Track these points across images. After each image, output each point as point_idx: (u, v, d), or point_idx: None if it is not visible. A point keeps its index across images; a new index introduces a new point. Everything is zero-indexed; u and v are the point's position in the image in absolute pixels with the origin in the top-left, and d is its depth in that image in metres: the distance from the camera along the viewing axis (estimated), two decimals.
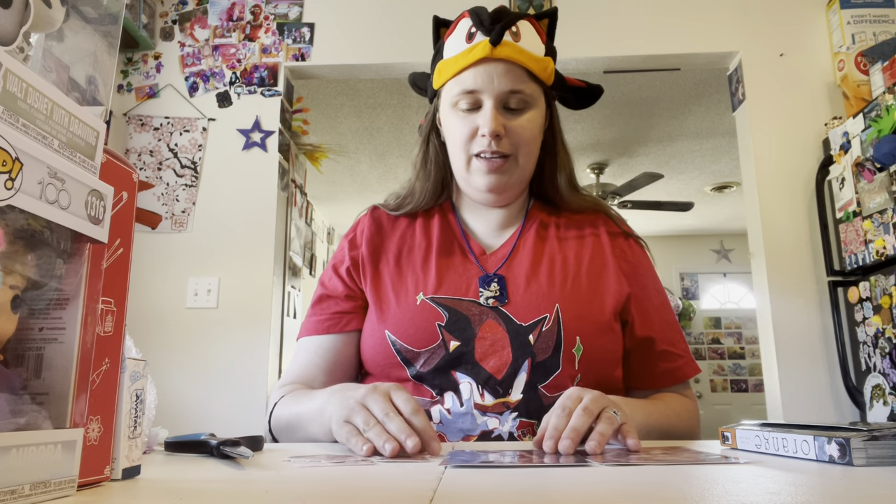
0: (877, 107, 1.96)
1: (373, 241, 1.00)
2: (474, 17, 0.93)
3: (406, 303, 0.91)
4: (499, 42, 0.90)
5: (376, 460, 0.59)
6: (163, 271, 2.40)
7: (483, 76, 0.91)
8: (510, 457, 0.59)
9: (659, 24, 2.51)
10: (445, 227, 1.01)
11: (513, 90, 0.91)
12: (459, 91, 0.93)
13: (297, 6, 2.61)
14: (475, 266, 0.95)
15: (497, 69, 0.91)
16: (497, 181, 0.94)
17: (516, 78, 0.91)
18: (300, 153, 2.87)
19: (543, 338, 0.87)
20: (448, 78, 0.95)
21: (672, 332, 0.98)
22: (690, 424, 0.93)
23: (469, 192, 0.99)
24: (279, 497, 0.41)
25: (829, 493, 0.41)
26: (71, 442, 0.40)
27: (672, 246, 6.37)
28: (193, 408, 2.30)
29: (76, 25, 0.46)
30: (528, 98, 0.93)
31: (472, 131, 0.93)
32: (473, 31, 0.92)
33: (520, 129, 0.92)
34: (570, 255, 0.96)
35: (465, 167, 0.96)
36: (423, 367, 0.87)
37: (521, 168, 0.95)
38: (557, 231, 1.00)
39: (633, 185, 4.17)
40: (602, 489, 0.43)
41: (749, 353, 6.26)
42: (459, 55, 0.93)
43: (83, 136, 0.42)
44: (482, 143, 0.92)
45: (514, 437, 0.84)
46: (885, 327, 1.91)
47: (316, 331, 0.97)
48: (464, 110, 0.93)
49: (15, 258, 0.38)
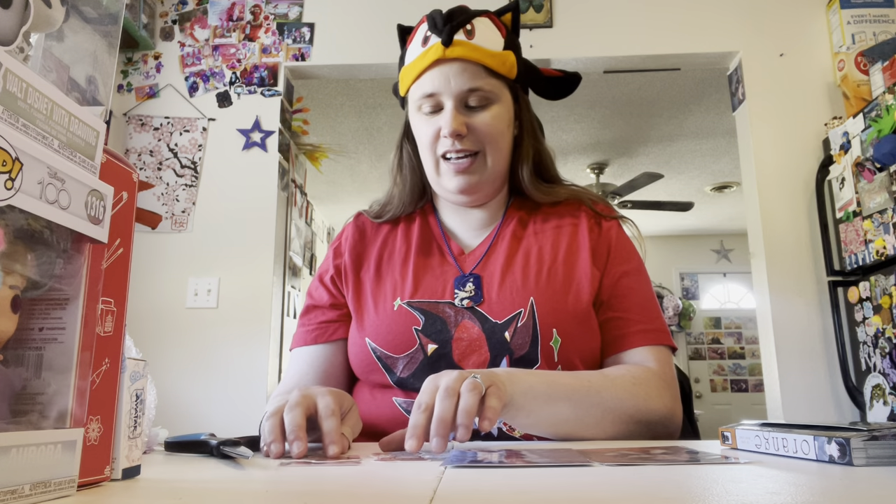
0: (877, 107, 1.96)
1: (355, 249, 1.01)
2: (429, 20, 0.94)
3: (384, 309, 0.92)
4: (450, 42, 0.91)
5: (347, 458, 0.59)
6: (163, 271, 2.40)
7: (439, 78, 0.91)
8: (509, 457, 0.59)
9: (659, 24, 2.51)
10: (425, 230, 1.01)
11: (471, 88, 0.91)
12: (420, 95, 0.94)
13: (297, 6, 2.61)
14: (453, 267, 0.95)
15: (452, 69, 0.91)
16: (467, 182, 0.94)
17: (473, 75, 0.91)
18: (300, 153, 2.87)
19: (519, 333, 0.86)
20: (409, 83, 0.96)
21: (638, 307, 0.92)
22: (646, 394, 0.82)
23: (442, 194, 0.99)
24: (279, 497, 0.41)
25: (829, 493, 0.41)
26: (71, 442, 0.40)
27: (672, 246, 6.37)
28: (193, 408, 2.30)
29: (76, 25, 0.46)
30: (488, 94, 0.93)
31: (435, 133, 0.93)
32: (428, 34, 0.93)
33: (483, 125, 0.92)
34: (547, 247, 0.95)
35: (434, 170, 0.96)
36: (403, 373, 0.88)
37: (491, 165, 0.95)
38: (535, 225, 0.99)
39: (633, 185, 4.17)
40: (602, 489, 0.43)
41: (749, 353, 6.26)
42: (416, 60, 0.94)
43: (83, 136, 0.42)
44: (446, 143, 0.92)
45: (504, 432, 0.84)
46: (885, 327, 1.91)
47: (304, 341, 0.98)
48: (427, 113, 0.94)
49: (15, 258, 0.38)
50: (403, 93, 0.99)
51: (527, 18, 2.51)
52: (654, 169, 4.45)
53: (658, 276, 6.23)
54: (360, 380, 0.96)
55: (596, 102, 3.52)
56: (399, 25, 1.03)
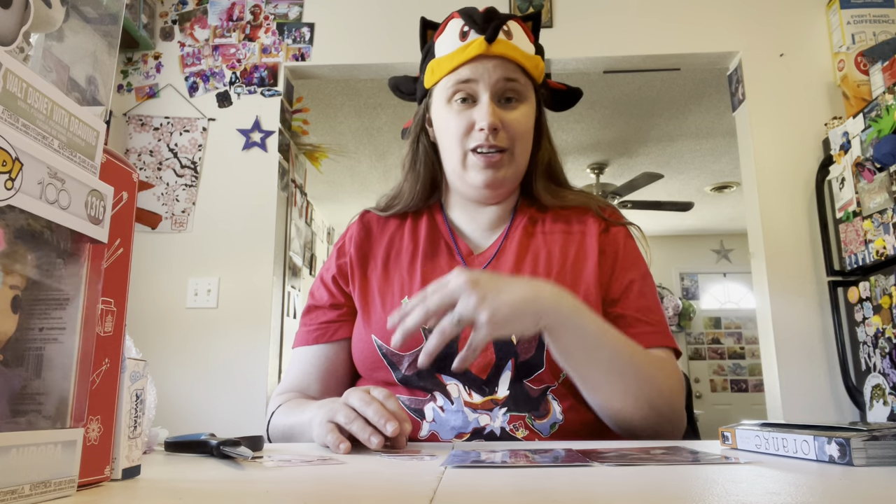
0: (877, 107, 1.96)
1: (362, 248, 1.01)
2: (466, 17, 0.95)
3: (391, 307, 0.92)
4: (494, 39, 0.92)
5: (346, 459, 0.59)
6: (163, 271, 2.40)
7: (479, 69, 0.93)
8: (510, 456, 0.59)
9: (659, 24, 2.51)
10: (433, 229, 1.01)
11: (508, 77, 0.93)
12: (456, 81, 0.94)
13: (297, 6, 2.61)
14: (462, 266, 0.95)
15: (492, 64, 0.93)
16: (494, 176, 0.94)
17: (512, 71, 0.94)
18: (300, 153, 2.87)
19: (526, 337, 0.86)
20: (442, 75, 0.96)
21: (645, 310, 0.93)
22: (669, 383, 0.84)
23: (463, 189, 0.99)
24: (279, 497, 0.41)
25: (829, 493, 0.41)
26: (71, 442, 0.40)
27: (672, 246, 6.37)
28: (193, 408, 2.30)
29: (76, 25, 0.46)
30: (521, 89, 0.94)
31: (468, 126, 0.93)
32: (467, 29, 0.94)
33: (515, 122, 0.94)
34: (556, 251, 0.95)
35: (460, 163, 0.96)
36: (408, 371, 0.88)
37: (517, 163, 0.96)
38: (544, 227, 0.99)
39: (633, 185, 4.17)
40: (602, 489, 0.43)
41: (749, 353, 6.26)
42: (454, 52, 0.94)
43: (83, 136, 0.42)
44: (479, 137, 0.92)
45: (507, 432, 0.84)
46: (885, 327, 1.91)
47: (306, 341, 0.99)
48: (459, 104, 0.94)
49: (15, 258, 0.38)
50: (430, 85, 0.99)
51: None
52: (654, 169, 4.45)
53: (658, 276, 6.23)
54: (362, 378, 0.96)
55: (596, 102, 3.52)
56: (423, 19, 1.04)
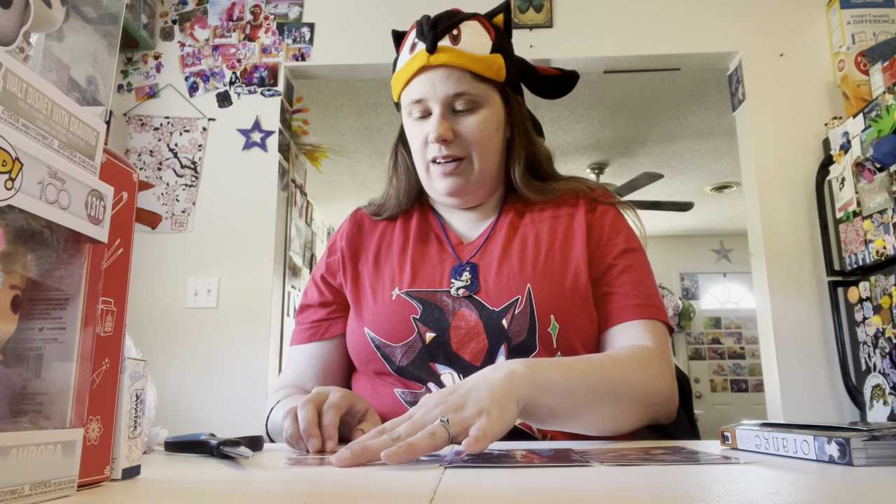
0: (877, 107, 1.96)
1: (353, 242, 1.03)
2: (417, 26, 0.95)
3: (382, 299, 0.93)
4: (434, 49, 0.92)
5: None
6: (163, 271, 2.40)
7: (426, 84, 0.93)
8: (510, 456, 0.59)
9: (659, 24, 2.51)
10: (424, 222, 1.03)
11: (457, 93, 0.92)
12: (409, 101, 0.95)
13: (297, 6, 2.61)
14: (451, 256, 0.96)
15: (437, 75, 0.92)
16: (454, 184, 0.95)
17: (458, 80, 0.92)
18: (300, 153, 2.87)
19: (517, 320, 0.87)
20: (400, 90, 0.98)
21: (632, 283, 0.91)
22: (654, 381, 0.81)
23: (434, 196, 1.01)
24: (279, 497, 0.41)
25: (829, 493, 0.41)
26: (71, 442, 0.40)
27: (672, 246, 6.37)
28: (193, 408, 2.30)
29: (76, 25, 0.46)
30: (474, 98, 0.93)
31: (424, 138, 0.95)
32: (416, 41, 0.95)
33: (470, 130, 0.93)
34: (543, 234, 0.95)
35: (425, 173, 0.98)
36: (402, 361, 0.89)
37: (479, 169, 0.96)
38: (532, 215, 0.99)
39: (633, 185, 4.17)
40: (602, 489, 0.43)
41: (749, 353, 6.26)
42: (404, 67, 0.95)
43: (83, 136, 0.42)
44: (434, 149, 0.94)
45: (524, 431, 0.84)
46: (885, 327, 1.91)
47: (300, 340, 1.02)
48: (416, 119, 0.96)
49: (15, 258, 0.38)
50: (395, 99, 1.01)
51: (527, 18, 2.52)
52: (654, 169, 4.45)
53: (658, 276, 6.17)
54: (359, 371, 0.97)
55: (596, 102, 3.52)
56: (394, 31, 1.04)
